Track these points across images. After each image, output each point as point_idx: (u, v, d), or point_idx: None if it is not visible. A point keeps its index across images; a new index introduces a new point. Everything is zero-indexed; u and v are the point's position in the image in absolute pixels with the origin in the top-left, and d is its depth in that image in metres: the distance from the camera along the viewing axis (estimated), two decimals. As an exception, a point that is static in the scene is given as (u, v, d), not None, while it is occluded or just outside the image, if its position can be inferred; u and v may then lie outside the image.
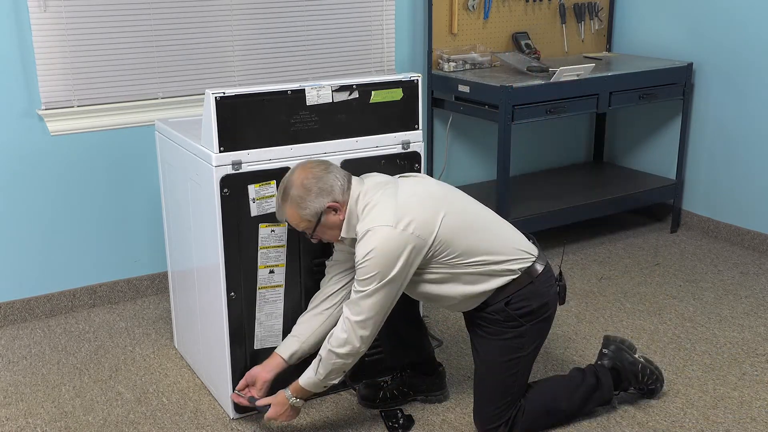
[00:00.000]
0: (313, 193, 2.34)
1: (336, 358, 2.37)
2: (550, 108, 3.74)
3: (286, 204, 2.37)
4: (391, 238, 2.28)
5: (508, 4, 4.21)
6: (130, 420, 2.71)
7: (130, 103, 3.43)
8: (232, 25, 3.56)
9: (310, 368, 2.44)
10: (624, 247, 4.18)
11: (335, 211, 2.37)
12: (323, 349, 2.40)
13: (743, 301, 3.56)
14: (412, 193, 2.39)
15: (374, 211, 2.33)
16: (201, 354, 2.90)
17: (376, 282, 2.29)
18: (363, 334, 2.35)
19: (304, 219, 2.37)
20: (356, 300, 2.33)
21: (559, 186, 4.37)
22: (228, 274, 2.54)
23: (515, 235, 2.53)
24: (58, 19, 3.21)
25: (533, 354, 2.53)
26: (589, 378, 2.65)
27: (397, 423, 2.63)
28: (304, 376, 2.45)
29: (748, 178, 4.09)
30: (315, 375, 2.42)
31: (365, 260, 2.28)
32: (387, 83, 2.65)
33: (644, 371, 2.72)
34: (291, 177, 2.39)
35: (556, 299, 2.53)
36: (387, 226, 2.28)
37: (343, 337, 2.35)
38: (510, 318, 2.44)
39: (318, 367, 2.41)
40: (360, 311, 2.33)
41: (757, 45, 3.94)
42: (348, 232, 2.40)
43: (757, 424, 2.66)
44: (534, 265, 2.47)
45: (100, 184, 3.46)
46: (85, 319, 3.45)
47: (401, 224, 2.29)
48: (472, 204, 2.51)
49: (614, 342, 2.75)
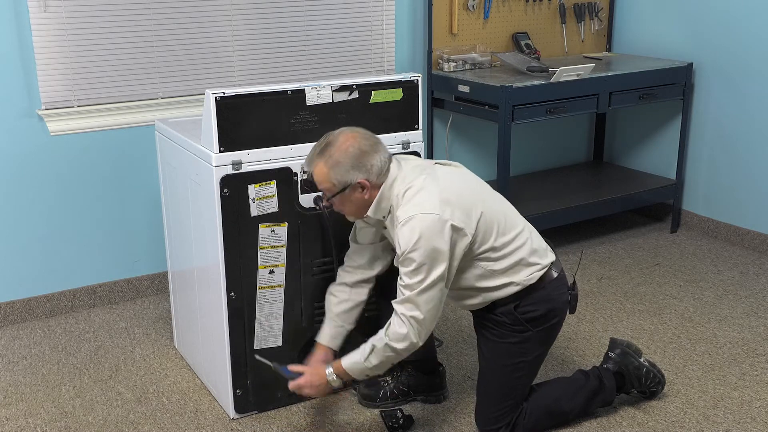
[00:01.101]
0: (351, 164, 2.30)
1: (391, 352, 2.33)
2: (550, 108, 3.74)
3: (321, 159, 2.32)
4: (438, 226, 2.23)
5: (508, 4, 4.21)
6: (130, 420, 2.71)
7: (130, 103, 3.43)
8: (232, 25, 3.56)
9: (358, 353, 2.37)
10: (624, 247, 4.18)
11: (363, 189, 2.33)
12: (378, 341, 2.33)
13: (743, 301, 3.56)
14: (452, 182, 2.35)
15: (418, 196, 2.28)
16: (201, 354, 2.90)
17: (425, 272, 2.24)
18: (421, 330, 2.30)
19: (330, 182, 2.32)
20: (412, 296, 2.27)
21: (559, 186, 4.37)
22: (228, 274, 2.54)
23: (537, 239, 2.50)
24: (58, 19, 3.21)
25: (538, 360, 2.52)
26: (593, 381, 2.64)
27: (397, 423, 2.63)
28: (349, 359, 2.38)
29: (748, 178, 4.09)
30: (364, 362, 2.35)
31: (413, 250, 2.23)
32: (387, 83, 2.65)
33: (648, 375, 2.71)
34: (338, 136, 2.33)
35: (565, 307, 2.50)
36: (433, 214, 2.24)
37: (402, 332, 2.29)
38: (517, 322, 2.42)
39: (369, 356, 2.34)
40: (416, 307, 2.27)
41: (757, 45, 3.94)
42: (376, 213, 2.36)
43: (757, 424, 2.66)
44: (549, 271, 2.45)
45: (100, 184, 3.46)
46: (85, 319, 3.45)
47: (447, 213, 2.25)
48: (502, 202, 2.48)
49: (620, 345, 2.73)
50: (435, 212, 2.24)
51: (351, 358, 2.39)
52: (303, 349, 2.72)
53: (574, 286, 2.53)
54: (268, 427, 2.66)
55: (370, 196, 2.34)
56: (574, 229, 4.34)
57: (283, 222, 2.56)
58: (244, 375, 2.65)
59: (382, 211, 2.35)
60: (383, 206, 2.35)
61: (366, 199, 2.35)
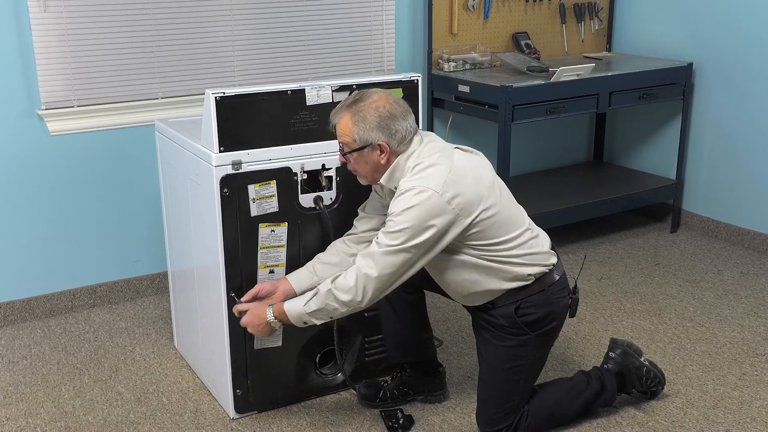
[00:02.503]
0: (377, 124, 2.28)
1: (332, 301, 2.29)
2: (550, 108, 3.74)
3: (349, 112, 2.31)
4: (433, 204, 2.21)
5: (508, 4, 4.21)
6: (130, 420, 2.71)
7: (130, 103, 3.43)
8: (232, 25, 3.56)
9: (300, 298, 2.37)
10: (624, 247, 4.18)
11: (381, 152, 2.31)
12: (323, 286, 2.32)
13: (743, 301, 3.56)
14: (464, 168, 2.32)
15: (425, 172, 2.27)
16: (201, 354, 2.90)
17: (402, 238, 2.21)
18: (368, 289, 2.26)
19: (351, 136, 2.30)
20: (376, 253, 2.24)
21: (559, 186, 4.37)
22: (228, 274, 2.54)
23: (541, 240, 2.47)
24: (58, 19, 3.21)
25: (537, 363, 2.51)
26: (594, 384, 2.63)
27: (397, 423, 2.62)
28: (291, 302, 2.37)
29: (748, 178, 4.09)
30: (303, 306, 2.33)
31: (400, 214, 2.21)
32: (387, 83, 2.65)
33: (648, 375, 2.70)
34: (371, 95, 2.32)
35: (564, 311, 2.48)
36: (433, 190, 2.22)
37: (349, 284, 2.26)
38: (515, 325, 2.41)
39: (310, 300, 2.32)
40: (374, 265, 2.24)
41: (757, 45, 3.94)
42: (389, 182, 2.35)
43: (757, 424, 2.66)
44: (550, 274, 2.43)
45: (100, 184, 3.46)
46: (85, 319, 3.45)
47: (447, 195, 2.23)
48: (510, 199, 2.45)
49: (621, 346, 2.73)
50: (436, 189, 2.22)
51: (292, 301, 2.37)
52: (303, 348, 2.73)
53: (576, 290, 2.52)
54: (268, 427, 2.66)
55: (386, 162, 2.33)
56: (574, 229, 4.34)
57: (283, 222, 2.56)
58: (244, 375, 2.65)
59: (395, 181, 2.33)
60: (396, 176, 2.33)
61: (382, 163, 2.33)
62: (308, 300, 2.33)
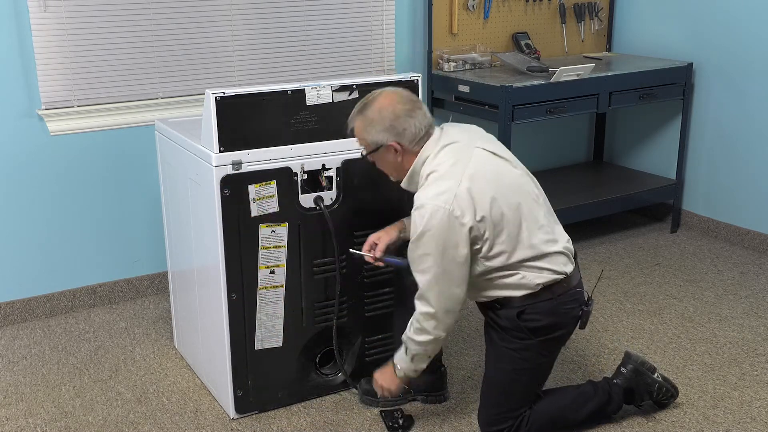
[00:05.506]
0: (382, 126, 2.32)
1: (416, 345, 2.39)
2: (550, 108, 3.74)
3: (358, 117, 2.37)
4: (444, 222, 2.23)
5: (508, 4, 4.21)
6: (130, 420, 2.71)
7: (129, 103, 3.43)
8: (232, 25, 3.56)
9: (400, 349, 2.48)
10: (624, 247, 4.18)
11: (395, 151, 2.34)
12: (404, 335, 2.43)
13: (743, 301, 3.56)
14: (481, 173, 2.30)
15: (436, 185, 2.28)
16: (201, 354, 2.89)
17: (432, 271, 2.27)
18: (437, 323, 2.34)
19: (364, 140, 2.38)
20: (421, 293, 2.32)
21: (559, 186, 4.37)
22: (228, 274, 2.54)
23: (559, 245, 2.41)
24: (58, 19, 3.20)
25: (540, 368, 2.49)
26: (601, 395, 2.60)
27: (397, 423, 2.63)
28: (396, 356, 2.50)
29: (748, 178, 4.09)
30: (406, 355, 2.44)
31: (417, 245, 2.26)
32: (387, 83, 2.65)
33: (660, 390, 2.67)
34: (377, 97, 2.36)
35: (572, 322, 2.45)
36: (443, 207, 2.23)
37: (417, 327, 2.37)
38: (518, 329, 2.39)
39: (406, 350, 2.44)
40: (426, 302, 2.32)
41: (757, 45, 3.94)
42: (409, 186, 2.40)
43: (757, 424, 2.66)
44: (561, 283, 2.39)
45: (100, 184, 3.46)
46: (85, 319, 3.45)
47: (457, 210, 2.23)
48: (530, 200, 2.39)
49: (634, 362, 2.66)
50: (446, 206, 2.23)
51: (396, 355, 2.50)
52: (303, 349, 2.73)
53: (589, 303, 2.47)
54: (268, 427, 2.66)
55: (404, 160, 2.37)
56: (574, 229, 4.32)
57: (283, 222, 2.56)
58: (245, 375, 2.65)
59: (415, 185, 2.38)
60: (415, 181, 2.37)
61: (400, 162, 2.37)
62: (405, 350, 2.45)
